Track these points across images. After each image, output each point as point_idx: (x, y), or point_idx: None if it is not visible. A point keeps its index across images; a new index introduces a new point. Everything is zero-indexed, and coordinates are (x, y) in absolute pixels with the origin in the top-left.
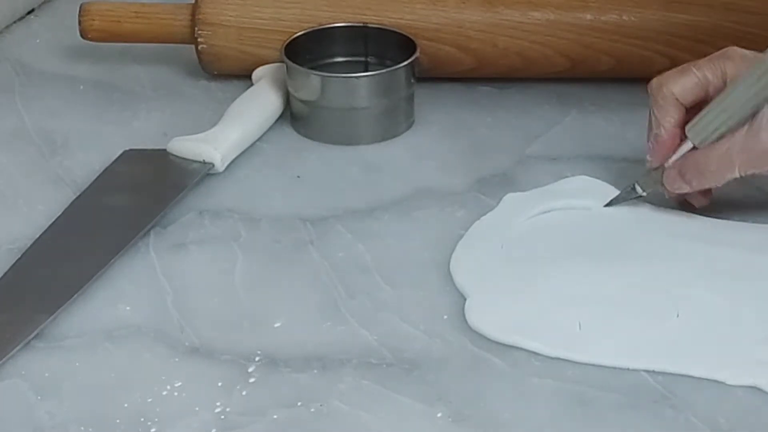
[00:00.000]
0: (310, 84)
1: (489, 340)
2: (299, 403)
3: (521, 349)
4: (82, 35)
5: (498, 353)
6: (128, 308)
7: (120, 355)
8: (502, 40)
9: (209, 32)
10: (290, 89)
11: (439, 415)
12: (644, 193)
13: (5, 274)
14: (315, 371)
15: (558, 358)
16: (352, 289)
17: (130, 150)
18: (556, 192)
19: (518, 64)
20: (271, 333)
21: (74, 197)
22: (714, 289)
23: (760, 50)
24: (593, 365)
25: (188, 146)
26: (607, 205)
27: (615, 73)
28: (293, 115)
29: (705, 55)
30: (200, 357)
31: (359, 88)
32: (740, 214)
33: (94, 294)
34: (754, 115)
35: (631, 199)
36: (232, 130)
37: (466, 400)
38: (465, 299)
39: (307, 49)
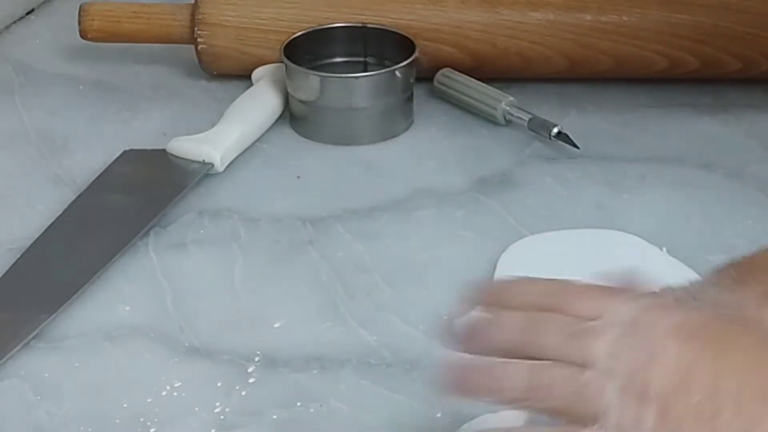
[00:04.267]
0: (309, 84)
1: None
2: (298, 404)
3: None
4: (81, 35)
5: None
6: (128, 308)
7: (120, 355)
8: (502, 41)
9: (209, 32)
10: (289, 89)
11: (438, 415)
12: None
13: (5, 274)
14: (314, 371)
15: None
16: (352, 289)
17: (130, 150)
18: None
19: (518, 64)
20: (271, 333)
21: (74, 197)
22: None
23: (760, 51)
24: None
25: (188, 146)
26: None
27: (615, 73)
28: (293, 116)
29: (705, 56)
30: (200, 357)
31: (358, 88)
32: None
33: (93, 294)
34: None
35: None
36: (231, 130)
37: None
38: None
39: (306, 50)
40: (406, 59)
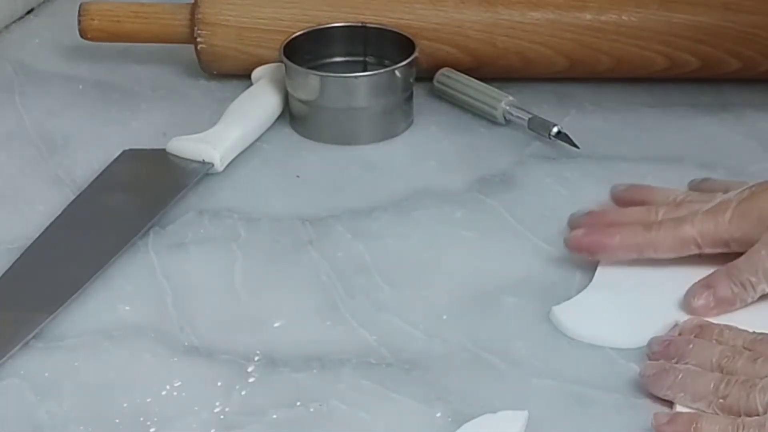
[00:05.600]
0: (309, 84)
1: (488, 341)
2: (298, 403)
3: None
4: (81, 35)
5: (498, 353)
6: (128, 308)
7: (119, 355)
8: (502, 40)
9: (209, 32)
10: (289, 89)
11: (438, 414)
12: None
13: (5, 273)
14: (314, 371)
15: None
16: (352, 289)
17: (130, 150)
18: None
19: (517, 64)
20: (271, 333)
21: (74, 197)
22: None
23: (760, 51)
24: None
25: (187, 146)
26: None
27: (614, 73)
28: (292, 115)
29: (705, 55)
30: (200, 357)
31: (358, 88)
32: None
33: (93, 294)
34: None
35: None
36: (231, 129)
37: (466, 400)
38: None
39: (306, 49)
40: (406, 59)
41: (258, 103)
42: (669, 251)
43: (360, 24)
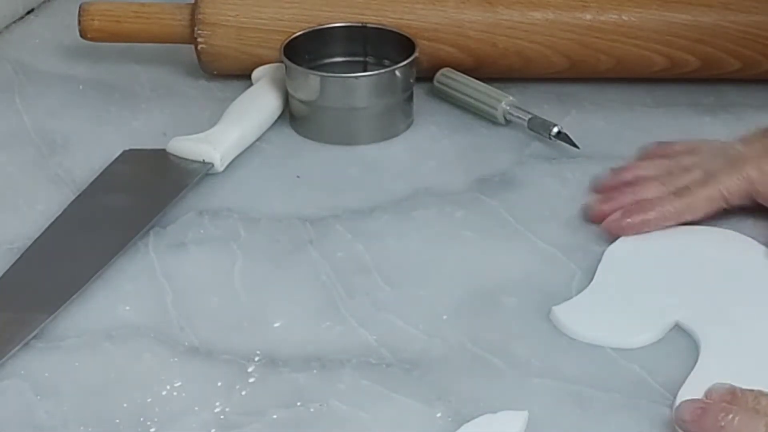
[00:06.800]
0: (309, 84)
1: (488, 341)
2: (299, 403)
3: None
4: (81, 35)
5: (498, 353)
6: (128, 308)
7: (120, 355)
8: (502, 40)
9: (209, 32)
10: (289, 89)
11: (438, 414)
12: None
13: (5, 274)
14: (314, 371)
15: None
16: (352, 289)
17: (130, 150)
18: None
19: (517, 64)
20: (271, 333)
21: (74, 197)
22: None
23: (760, 51)
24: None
25: (188, 146)
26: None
27: (614, 72)
28: (292, 115)
29: (704, 55)
30: (200, 357)
31: (358, 88)
32: None
33: (93, 294)
34: None
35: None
36: (231, 130)
37: (466, 400)
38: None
39: (306, 49)
40: (406, 59)
41: (258, 103)
42: (702, 212)
43: (360, 24)
